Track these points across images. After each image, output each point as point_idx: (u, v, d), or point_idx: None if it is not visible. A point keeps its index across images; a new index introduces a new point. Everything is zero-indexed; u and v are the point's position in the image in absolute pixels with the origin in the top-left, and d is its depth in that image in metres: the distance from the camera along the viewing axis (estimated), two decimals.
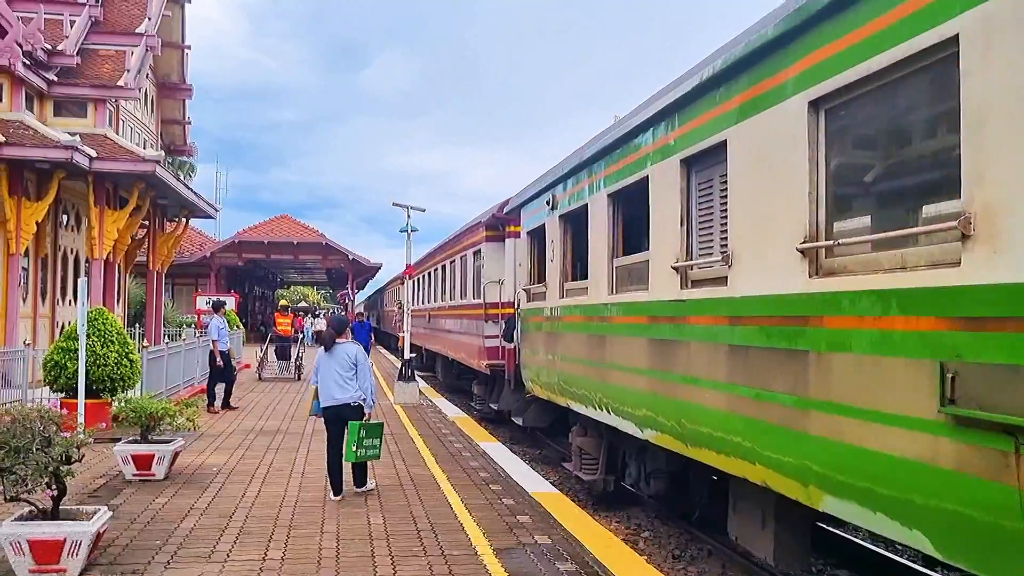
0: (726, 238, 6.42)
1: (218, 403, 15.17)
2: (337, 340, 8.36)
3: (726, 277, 6.28)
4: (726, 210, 6.43)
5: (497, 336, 14.90)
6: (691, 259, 7.04)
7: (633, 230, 8.88)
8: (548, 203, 10.88)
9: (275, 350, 24.48)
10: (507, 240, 14.90)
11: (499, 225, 15.33)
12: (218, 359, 14.96)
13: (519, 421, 13.87)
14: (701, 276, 6.90)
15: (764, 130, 5.78)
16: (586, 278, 9.63)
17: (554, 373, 10.92)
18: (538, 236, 12.08)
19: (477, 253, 16.67)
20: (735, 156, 6.18)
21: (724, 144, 6.33)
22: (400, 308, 24.55)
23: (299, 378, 22.51)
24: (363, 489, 8.37)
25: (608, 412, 8.84)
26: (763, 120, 5.79)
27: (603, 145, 8.72)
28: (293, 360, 23.46)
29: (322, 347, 8.47)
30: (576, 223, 10.35)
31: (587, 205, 9.45)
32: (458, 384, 22.32)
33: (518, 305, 13.22)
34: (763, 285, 5.75)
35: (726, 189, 6.40)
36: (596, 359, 9.13)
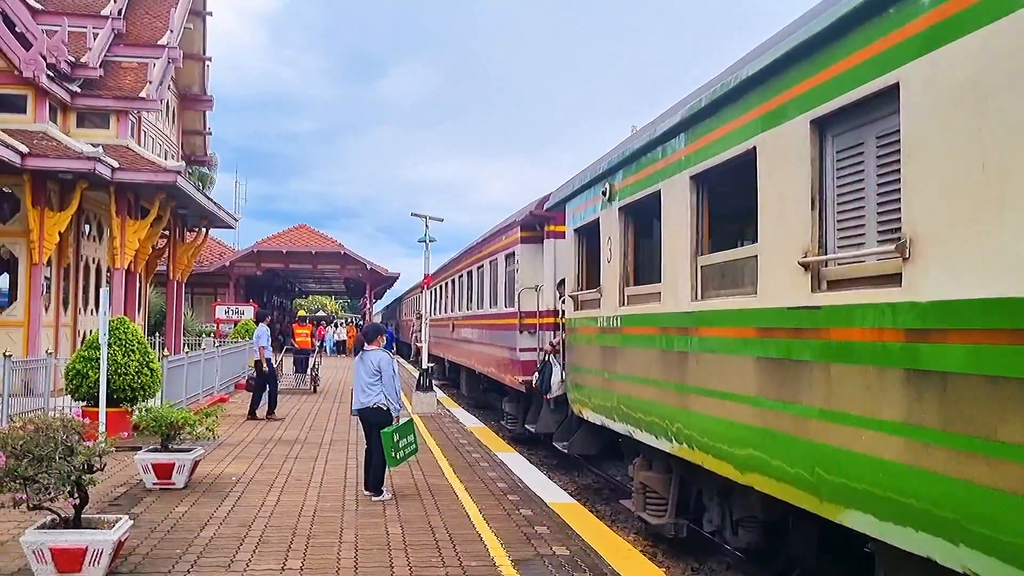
0: (891, 221, 4.34)
1: (261, 411, 14.62)
2: (366, 347, 8.31)
3: (899, 274, 4.15)
4: (890, 182, 4.36)
5: (534, 349, 12.45)
6: (827, 252, 4.90)
7: (723, 221, 6.72)
8: (604, 193, 8.59)
9: (292, 361, 22.41)
10: (546, 241, 12.52)
11: (536, 225, 12.85)
12: (264, 365, 14.73)
13: (562, 447, 11.37)
14: (845, 274, 4.75)
15: (979, 57, 3.64)
16: (657, 281, 7.42)
17: (611, 395, 8.66)
18: (589, 234, 9.77)
19: (511, 256, 14.15)
20: (917, 103, 4.04)
21: (894, 89, 4.20)
22: (419, 318, 22.36)
23: (315, 391, 19.99)
24: (379, 498, 7.99)
25: (689, 446, 6.66)
26: (975, 43, 3.65)
27: (683, 117, 6.51)
28: (309, 371, 20.80)
29: (356, 354, 8.47)
30: (642, 215, 8.08)
31: (659, 192, 7.19)
32: (484, 399, 19.59)
33: (562, 315, 10.91)
34: (980, 284, 3.62)
35: (892, 153, 4.33)
36: (673, 380, 6.92)
